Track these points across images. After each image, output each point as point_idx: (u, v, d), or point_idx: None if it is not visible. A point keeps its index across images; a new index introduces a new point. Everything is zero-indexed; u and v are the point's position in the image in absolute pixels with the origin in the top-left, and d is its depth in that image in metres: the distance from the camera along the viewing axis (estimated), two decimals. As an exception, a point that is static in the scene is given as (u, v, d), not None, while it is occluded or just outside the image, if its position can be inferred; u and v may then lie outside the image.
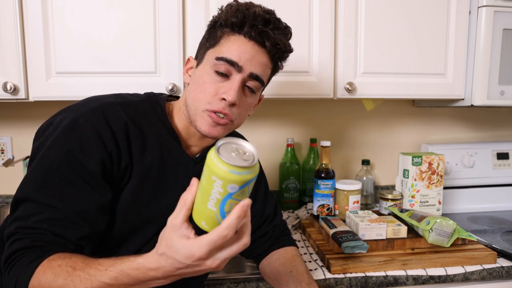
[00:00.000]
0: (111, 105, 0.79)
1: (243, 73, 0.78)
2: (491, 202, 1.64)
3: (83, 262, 0.64)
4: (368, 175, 1.62)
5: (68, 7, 1.14)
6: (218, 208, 0.55)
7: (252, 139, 1.61)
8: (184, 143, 0.88)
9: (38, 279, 0.64)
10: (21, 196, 0.71)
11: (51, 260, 0.65)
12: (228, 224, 0.53)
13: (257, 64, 0.79)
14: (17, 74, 1.14)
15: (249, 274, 1.10)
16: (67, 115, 0.76)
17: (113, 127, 0.76)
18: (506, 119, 1.80)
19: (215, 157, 0.54)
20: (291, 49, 0.85)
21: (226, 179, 0.53)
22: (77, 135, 0.73)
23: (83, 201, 0.72)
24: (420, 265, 1.10)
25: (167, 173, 0.84)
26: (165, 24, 1.18)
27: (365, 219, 1.20)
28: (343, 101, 1.62)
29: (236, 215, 0.53)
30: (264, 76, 0.82)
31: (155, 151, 0.82)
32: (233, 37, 0.78)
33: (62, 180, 0.71)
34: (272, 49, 0.79)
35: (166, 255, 0.58)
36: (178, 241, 0.56)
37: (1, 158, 1.49)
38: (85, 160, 0.72)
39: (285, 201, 1.58)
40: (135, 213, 0.80)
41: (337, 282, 1.04)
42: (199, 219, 0.57)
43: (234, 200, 0.55)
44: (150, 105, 0.85)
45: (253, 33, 0.77)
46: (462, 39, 1.35)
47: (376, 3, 1.29)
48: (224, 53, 0.78)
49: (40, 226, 0.68)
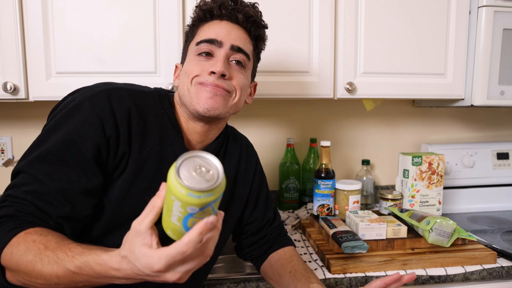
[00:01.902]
0: (119, 90, 0.80)
1: (225, 47, 0.82)
2: (491, 202, 1.64)
3: (56, 243, 0.64)
4: (368, 175, 1.62)
5: (68, 7, 1.14)
6: (181, 223, 0.53)
7: (252, 139, 1.60)
8: (186, 140, 0.88)
9: (11, 249, 0.64)
10: (17, 167, 0.73)
11: (28, 233, 0.66)
12: (189, 241, 0.52)
13: (235, 37, 0.83)
14: (17, 74, 1.14)
15: (249, 274, 1.10)
16: (76, 97, 0.78)
17: (116, 112, 0.77)
18: (506, 119, 1.80)
19: (174, 177, 0.50)
20: (265, 24, 0.90)
21: (184, 201, 0.50)
22: (79, 117, 0.74)
23: (70, 181, 0.72)
24: (420, 265, 1.10)
25: (164, 165, 0.83)
26: (165, 24, 1.18)
27: (365, 219, 1.20)
28: (343, 101, 1.62)
29: (197, 232, 0.52)
30: (247, 49, 0.85)
31: (155, 142, 0.82)
32: (206, 25, 0.85)
33: (55, 158, 0.72)
34: (246, 23, 0.85)
35: (127, 259, 0.57)
36: (140, 248, 0.55)
37: (1, 158, 1.49)
38: (80, 142, 0.73)
39: (285, 201, 1.58)
40: (129, 203, 0.80)
41: (337, 282, 1.04)
42: (166, 227, 0.56)
43: (196, 218, 0.52)
44: (159, 98, 0.86)
45: (223, 12, 0.83)
46: (462, 39, 1.35)
47: (376, 3, 1.29)
48: (202, 37, 0.83)
49: (25, 197, 0.70)
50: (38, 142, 0.75)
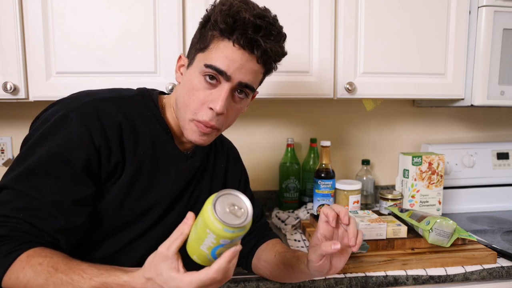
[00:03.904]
0: (105, 101, 0.78)
1: (232, 82, 0.76)
2: (491, 202, 1.64)
3: (65, 264, 0.65)
4: (368, 175, 1.62)
5: (68, 7, 1.14)
6: (210, 252, 0.60)
7: (252, 139, 1.61)
8: (176, 139, 0.88)
9: (16, 274, 0.64)
10: (1, 183, 0.71)
11: (31, 256, 0.65)
12: (218, 267, 0.58)
13: (246, 72, 0.77)
14: (17, 74, 1.14)
15: (249, 274, 1.10)
16: (59, 108, 0.76)
17: (104, 123, 0.75)
18: (506, 119, 1.80)
19: (211, 213, 0.57)
20: (285, 52, 0.82)
21: (219, 235, 0.57)
22: (66, 129, 0.73)
23: (60, 193, 0.71)
24: (420, 265, 1.10)
25: (159, 167, 0.84)
26: (165, 24, 1.18)
27: (365, 219, 1.20)
28: (343, 101, 1.62)
29: (226, 260, 0.58)
30: (255, 83, 0.81)
31: (148, 146, 0.82)
32: (222, 43, 0.75)
33: (43, 172, 0.70)
34: (263, 57, 0.76)
35: (153, 280, 0.61)
36: (168, 272, 0.60)
37: (1, 158, 1.49)
38: (68, 154, 0.71)
39: (285, 201, 1.58)
40: (127, 207, 0.80)
41: (337, 282, 1.04)
42: (191, 252, 0.62)
43: (225, 248, 0.60)
44: (143, 100, 0.85)
45: (242, 41, 0.74)
46: (462, 39, 1.35)
47: (376, 3, 1.29)
48: (213, 61, 0.76)
49: (17, 215, 0.68)
50: (22, 157, 0.72)
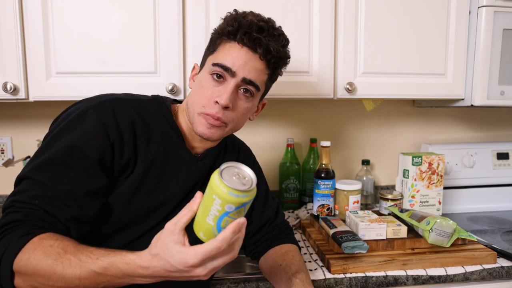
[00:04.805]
0: (121, 101, 0.84)
1: (236, 78, 0.82)
2: (491, 202, 1.64)
3: (74, 247, 0.67)
4: (368, 175, 1.62)
5: (69, 7, 1.14)
6: (215, 223, 0.62)
7: (252, 139, 1.61)
8: (188, 143, 0.92)
9: (27, 254, 0.66)
10: (21, 175, 0.75)
11: (43, 238, 0.68)
12: (223, 237, 0.59)
13: (250, 69, 0.83)
14: (17, 74, 1.14)
15: (249, 274, 1.10)
16: (80, 106, 0.81)
17: (119, 119, 0.80)
18: (506, 119, 1.80)
19: (217, 178, 0.61)
20: (288, 55, 0.89)
21: (224, 199, 0.60)
22: (84, 124, 0.77)
23: (74, 183, 0.75)
24: (420, 265, 1.10)
25: (169, 166, 0.87)
26: (165, 24, 1.18)
27: (365, 219, 1.20)
28: (343, 101, 1.62)
29: (231, 230, 0.60)
30: (259, 81, 0.85)
31: (159, 146, 0.86)
32: (228, 44, 0.83)
33: (60, 163, 0.75)
34: (266, 55, 0.83)
35: (159, 256, 0.62)
36: (174, 246, 0.61)
37: (1, 158, 1.49)
38: (84, 147, 0.76)
39: (285, 201, 1.58)
40: (136, 203, 0.83)
41: (337, 282, 1.04)
42: (198, 229, 0.64)
43: (230, 218, 0.62)
44: (157, 104, 0.90)
45: (246, 40, 0.81)
46: (462, 39, 1.35)
47: (376, 3, 1.29)
48: (219, 59, 0.83)
49: (32, 202, 0.72)
50: (42, 150, 0.77)
